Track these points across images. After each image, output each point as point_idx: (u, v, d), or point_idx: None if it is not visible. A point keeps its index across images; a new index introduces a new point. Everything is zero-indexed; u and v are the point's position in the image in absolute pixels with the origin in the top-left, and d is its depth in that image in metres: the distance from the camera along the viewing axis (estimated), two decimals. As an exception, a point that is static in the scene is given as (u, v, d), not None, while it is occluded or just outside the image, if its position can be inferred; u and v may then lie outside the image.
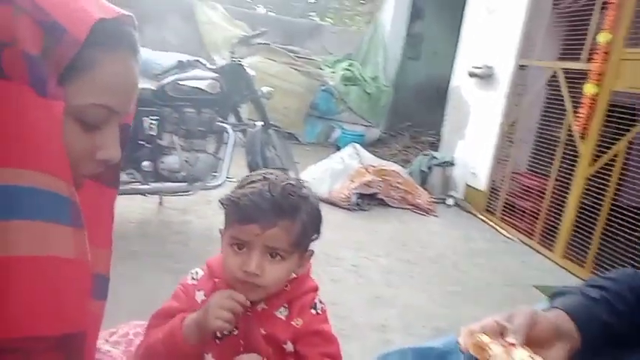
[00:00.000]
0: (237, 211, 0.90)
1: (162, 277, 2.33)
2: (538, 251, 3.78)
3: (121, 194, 2.77)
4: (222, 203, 0.95)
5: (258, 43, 3.85)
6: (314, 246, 1.02)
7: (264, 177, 0.94)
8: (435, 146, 5.88)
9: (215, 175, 3.18)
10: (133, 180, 2.96)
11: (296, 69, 6.37)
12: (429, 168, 4.98)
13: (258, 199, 0.89)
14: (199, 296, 0.98)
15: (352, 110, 6.59)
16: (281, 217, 0.90)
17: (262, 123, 3.44)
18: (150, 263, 2.57)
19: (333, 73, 6.68)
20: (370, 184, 4.18)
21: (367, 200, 4.18)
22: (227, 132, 3.23)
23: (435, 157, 5.05)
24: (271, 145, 3.51)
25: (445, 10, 7.08)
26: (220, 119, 3.26)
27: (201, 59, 3.39)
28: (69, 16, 0.54)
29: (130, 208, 3.19)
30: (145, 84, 3.34)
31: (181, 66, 3.21)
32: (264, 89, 3.44)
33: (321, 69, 6.66)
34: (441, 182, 4.96)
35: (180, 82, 3.11)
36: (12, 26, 0.50)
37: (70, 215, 0.56)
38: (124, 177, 2.92)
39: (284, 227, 0.90)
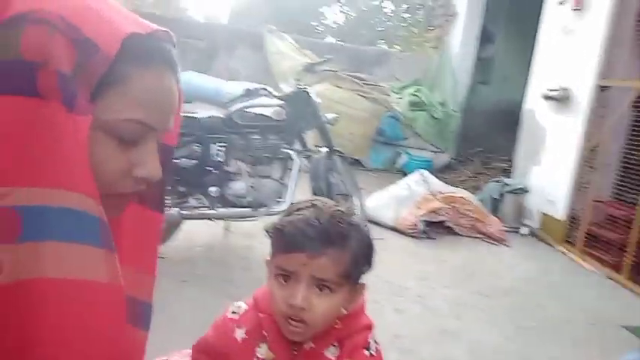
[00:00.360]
0: (283, 239, 0.86)
1: (223, 302, 2.32)
2: (626, 287, 3.45)
3: (189, 219, 2.86)
4: (267, 232, 0.90)
5: (324, 70, 3.90)
6: (375, 275, 0.95)
7: (311, 204, 0.89)
8: (507, 172, 5.63)
9: (280, 201, 3.19)
10: (201, 205, 3.03)
11: (362, 95, 6.37)
12: (501, 195, 4.76)
13: (304, 227, 0.84)
14: (239, 334, 0.93)
15: (419, 136, 6.47)
16: (329, 246, 0.84)
17: (327, 149, 3.44)
18: (213, 287, 2.60)
19: (400, 98, 6.63)
20: (438, 211, 4.04)
21: (435, 228, 4.03)
22: (292, 158, 3.25)
23: (507, 184, 4.82)
24: (335, 171, 3.49)
25: (516, 33, 6.87)
26: (285, 145, 3.30)
27: (267, 87, 3.47)
28: (100, 31, 0.54)
29: (197, 232, 3.27)
30: (213, 112, 3.46)
31: (248, 94, 3.29)
32: (329, 116, 3.44)
33: (387, 95, 6.63)
34: (514, 210, 4.71)
35: (247, 110, 3.18)
36: (47, 46, 0.50)
37: (101, 236, 0.54)
38: (192, 202, 3.01)
39: (332, 257, 0.84)
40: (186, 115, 3.10)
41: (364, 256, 0.91)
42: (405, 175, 5.17)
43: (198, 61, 6.96)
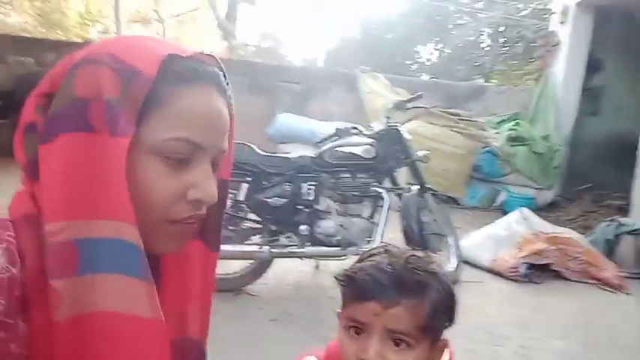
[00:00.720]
0: (354, 286, 0.80)
1: (312, 343, 2.29)
2: None
3: (279, 257, 2.89)
4: (337, 279, 0.84)
5: (415, 107, 3.84)
6: (471, 321, 0.86)
7: (385, 250, 0.84)
8: (623, 211, 5.10)
9: (370, 240, 3.14)
10: (291, 243, 3.06)
11: (457, 131, 6.19)
12: (617, 236, 4.29)
13: (377, 273, 0.78)
14: None
15: (520, 172, 6.10)
16: (405, 295, 0.77)
17: (418, 187, 3.35)
18: (303, 327, 2.58)
19: (498, 133, 6.34)
20: (542, 253, 3.73)
21: (538, 272, 3.72)
22: (382, 196, 3.20)
23: (623, 224, 4.35)
24: (428, 209, 3.38)
25: (629, 59, 6.34)
26: (376, 184, 3.26)
27: (358, 126, 3.48)
28: (139, 56, 0.56)
29: (288, 270, 3.29)
30: (304, 151, 3.53)
31: (339, 133, 3.32)
32: (421, 153, 3.36)
33: (484, 130, 6.38)
34: (634, 253, 4.22)
35: (338, 149, 3.21)
36: (95, 80, 0.54)
37: (142, 267, 0.54)
38: (282, 240, 3.05)
39: (409, 307, 0.77)
40: (277, 155, 3.20)
41: (445, 308, 0.82)
42: (504, 213, 4.87)
43: (294, 103, 7.23)
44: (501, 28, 12.12)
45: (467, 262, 3.79)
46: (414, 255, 0.82)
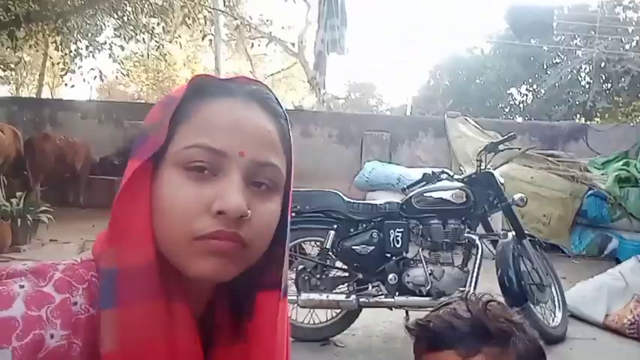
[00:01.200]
0: (429, 335, 0.75)
1: (402, 400, 2.17)
2: None
3: (367, 307, 2.82)
4: (408, 329, 0.80)
5: (507, 149, 3.66)
6: None
7: (462, 297, 0.78)
8: None
9: (462, 290, 2.96)
10: (380, 293, 2.97)
11: (557, 174, 5.81)
12: None
13: (454, 319, 0.73)
14: None
15: (633, 216, 5.53)
16: (485, 342, 0.71)
17: (514, 233, 3.14)
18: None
19: (604, 174, 5.86)
20: (666, 307, 3.29)
21: (663, 328, 3.27)
22: (475, 243, 3.04)
23: None
24: (526, 257, 3.14)
25: None
26: (468, 230, 3.11)
27: (447, 170, 3.39)
28: (178, 87, 0.59)
29: (376, 321, 3.19)
30: (392, 198, 3.48)
31: (427, 178, 3.25)
32: (516, 196, 3.16)
33: (587, 172, 5.93)
34: None
35: (426, 194, 3.12)
36: (149, 114, 0.60)
37: (109, 296, 0.53)
38: (370, 289, 2.97)
39: (490, 357, 0.71)
40: (364, 201, 3.18)
41: None
42: (617, 262, 4.41)
43: (382, 151, 7.25)
44: (602, 64, 11.44)
45: (574, 317, 3.44)
46: (494, 301, 0.76)
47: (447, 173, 3.32)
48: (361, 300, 2.91)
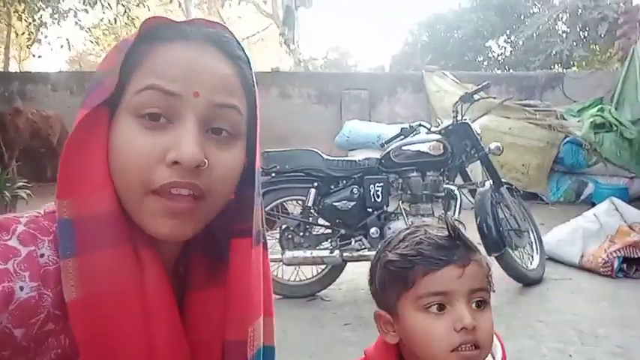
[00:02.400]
0: (423, 260, 0.75)
1: (387, 346, 2.24)
2: None
3: (351, 261, 2.86)
4: (391, 262, 0.78)
5: (484, 99, 3.68)
6: (563, 320, 0.81)
7: (412, 228, 0.81)
8: None
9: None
10: (362, 247, 3.03)
11: (534, 123, 5.87)
12: None
13: (441, 240, 0.76)
14: None
15: (608, 161, 5.64)
16: (471, 252, 0.76)
17: (492, 182, 3.19)
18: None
19: (580, 122, 5.93)
20: (638, 245, 3.41)
21: (636, 265, 3.40)
22: (454, 194, 3.09)
23: None
24: (504, 204, 3.21)
25: None
26: (447, 181, 3.15)
27: (423, 123, 3.39)
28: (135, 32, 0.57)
29: (361, 275, 3.25)
30: (371, 154, 3.50)
31: (405, 132, 3.26)
32: (492, 145, 3.20)
33: (564, 119, 6.00)
34: None
35: (404, 148, 3.14)
36: (103, 59, 0.57)
37: (67, 245, 0.52)
38: (353, 244, 3.02)
39: (478, 262, 0.76)
40: (343, 158, 3.19)
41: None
42: (593, 206, 4.52)
43: (361, 110, 7.21)
44: (579, 12, 11.38)
45: (552, 259, 3.55)
46: (447, 221, 0.80)
47: (424, 126, 3.34)
48: (345, 255, 2.96)
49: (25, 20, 8.86)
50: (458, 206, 3.04)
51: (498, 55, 13.97)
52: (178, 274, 0.63)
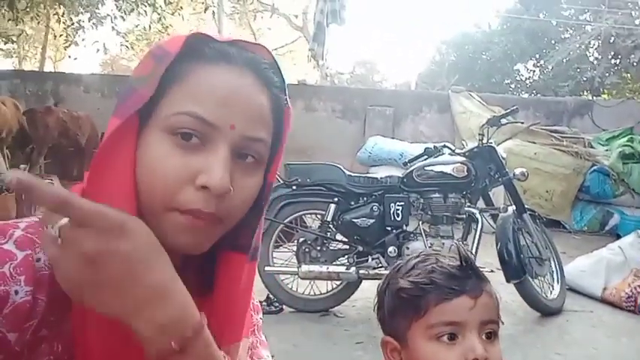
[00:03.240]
0: (435, 289, 0.74)
1: (399, 368, 2.21)
2: None
3: (366, 279, 2.84)
4: (403, 289, 0.77)
5: (511, 123, 3.64)
6: (584, 355, 0.79)
7: (423, 256, 0.80)
8: None
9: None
10: (379, 265, 3.00)
11: (561, 149, 5.78)
12: None
13: (454, 270, 0.75)
14: None
15: (636, 192, 5.52)
16: (482, 282, 0.76)
17: (514, 207, 3.14)
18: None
19: (608, 151, 5.82)
20: (665, 282, 3.31)
21: (661, 303, 3.29)
22: (475, 217, 3.05)
23: None
24: (526, 231, 3.15)
25: None
26: (469, 204, 3.12)
27: (448, 144, 3.38)
28: (172, 40, 0.56)
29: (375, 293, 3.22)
30: (393, 172, 3.48)
31: (429, 152, 3.24)
32: (517, 171, 3.16)
33: (592, 147, 5.90)
34: None
35: (427, 168, 3.12)
36: (137, 67, 0.57)
37: None
38: (370, 262, 3.00)
39: (489, 293, 0.76)
40: (365, 175, 3.18)
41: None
42: (618, 238, 4.42)
43: (385, 127, 7.21)
44: (611, 39, 11.23)
45: (573, 290, 3.47)
46: (459, 250, 0.80)
47: (448, 147, 3.32)
48: (361, 272, 2.94)
49: (63, 23, 9.13)
50: (479, 230, 3.00)
51: (526, 79, 13.85)
52: None
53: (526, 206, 3.24)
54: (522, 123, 5.19)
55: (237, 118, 0.54)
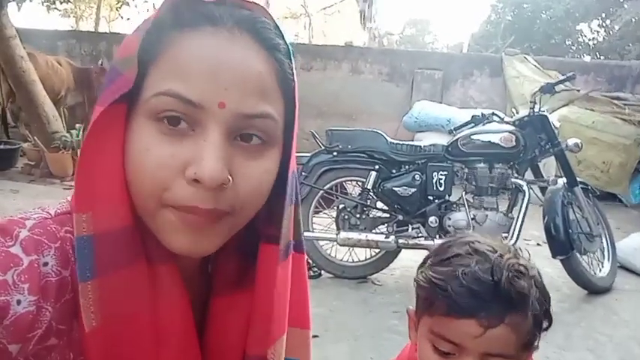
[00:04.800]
0: (446, 299, 0.67)
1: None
2: None
3: (406, 248, 2.81)
4: (419, 284, 0.74)
5: (567, 90, 3.43)
6: (629, 335, 0.71)
7: (470, 248, 0.70)
8: None
9: (506, 236, 2.90)
10: (419, 235, 2.96)
11: (622, 118, 5.43)
12: None
13: (475, 285, 0.65)
14: None
15: (703, 166, 5.16)
16: (509, 311, 0.65)
17: (565, 180, 2.99)
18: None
19: (675, 120, 5.42)
20: None
21: None
22: (522, 189, 2.93)
23: None
24: (577, 205, 3.01)
25: None
26: (516, 175, 3.00)
27: (497, 112, 3.24)
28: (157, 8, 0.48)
29: (415, 263, 3.18)
30: (439, 140, 3.38)
31: (476, 120, 3.12)
32: (571, 141, 2.98)
33: (657, 117, 5.50)
34: None
35: (473, 137, 3.01)
36: (122, 44, 0.49)
37: (87, 267, 0.46)
38: (410, 231, 2.96)
39: (513, 325, 0.65)
40: (408, 143, 3.10)
41: (545, 315, 0.69)
42: (679, 214, 4.16)
43: (434, 91, 6.99)
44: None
45: (624, 268, 3.31)
46: (512, 258, 0.69)
47: (497, 115, 3.18)
48: (400, 241, 2.91)
49: (115, -18, 9.27)
50: (525, 202, 2.89)
51: (589, 40, 13.02)
52: (206, 273, 0.59)
53: (579, 178, 3.08)
54: (579, 90, 4.90)
55: (228, 93, 0.45)
